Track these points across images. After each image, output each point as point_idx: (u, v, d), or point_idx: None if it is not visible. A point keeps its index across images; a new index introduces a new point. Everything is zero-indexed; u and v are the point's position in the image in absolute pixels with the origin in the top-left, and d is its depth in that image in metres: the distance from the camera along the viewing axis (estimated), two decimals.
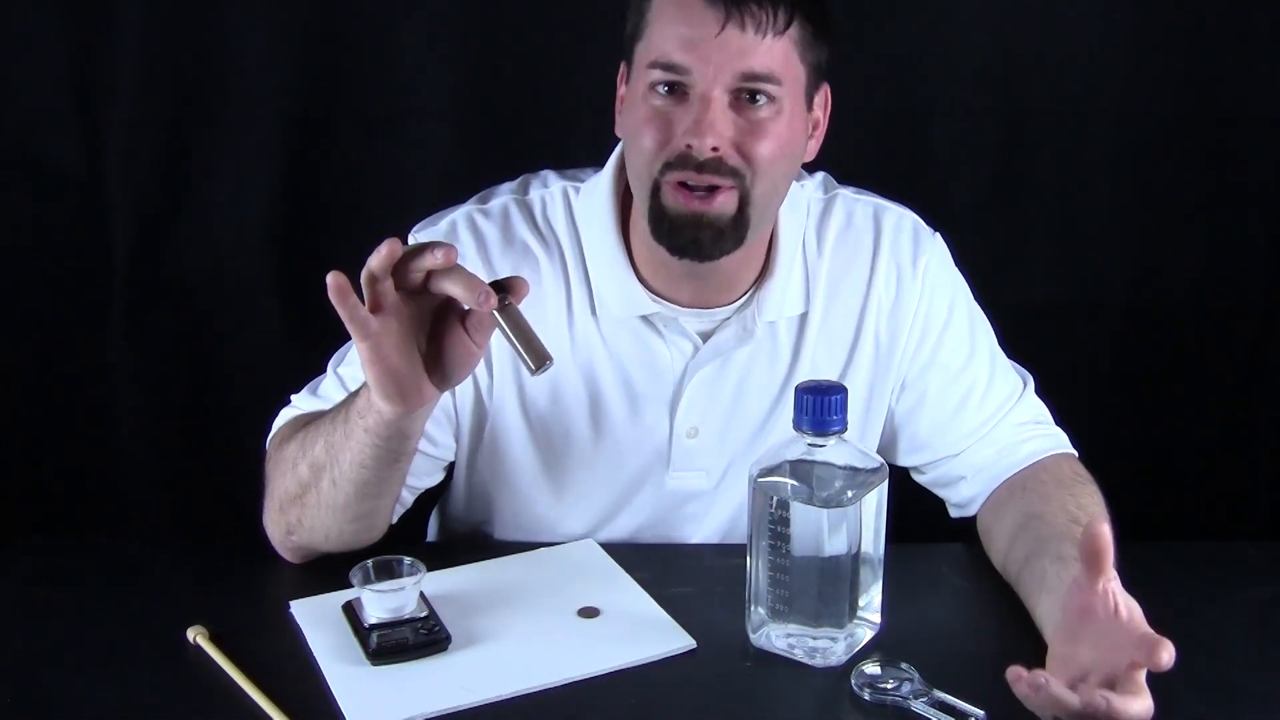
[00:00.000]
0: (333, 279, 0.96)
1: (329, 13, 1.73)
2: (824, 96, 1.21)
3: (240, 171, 1.77)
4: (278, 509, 1.17)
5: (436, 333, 1.04)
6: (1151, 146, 1.83)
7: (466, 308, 1.01)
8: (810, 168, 1.29)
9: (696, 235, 1.14)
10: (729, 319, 1.24)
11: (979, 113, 1.80)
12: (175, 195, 1.78)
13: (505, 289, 1.00)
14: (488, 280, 0.98)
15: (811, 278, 1.27)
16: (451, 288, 0.98)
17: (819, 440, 1.00)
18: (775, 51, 1.11)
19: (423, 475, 1.26)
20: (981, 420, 1.29)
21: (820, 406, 0.99)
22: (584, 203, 1.26)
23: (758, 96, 1.12)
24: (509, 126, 1.76)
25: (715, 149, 1.11)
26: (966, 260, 1.35)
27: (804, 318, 1.27)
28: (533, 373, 0.99)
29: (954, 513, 1.33)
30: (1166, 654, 0.86)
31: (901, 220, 1.31)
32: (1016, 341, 1.36)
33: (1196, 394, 1.91)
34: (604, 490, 1.29)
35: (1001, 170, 1.83)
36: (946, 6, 1.77)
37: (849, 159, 1.39)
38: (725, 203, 1.13)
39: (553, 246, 1.26)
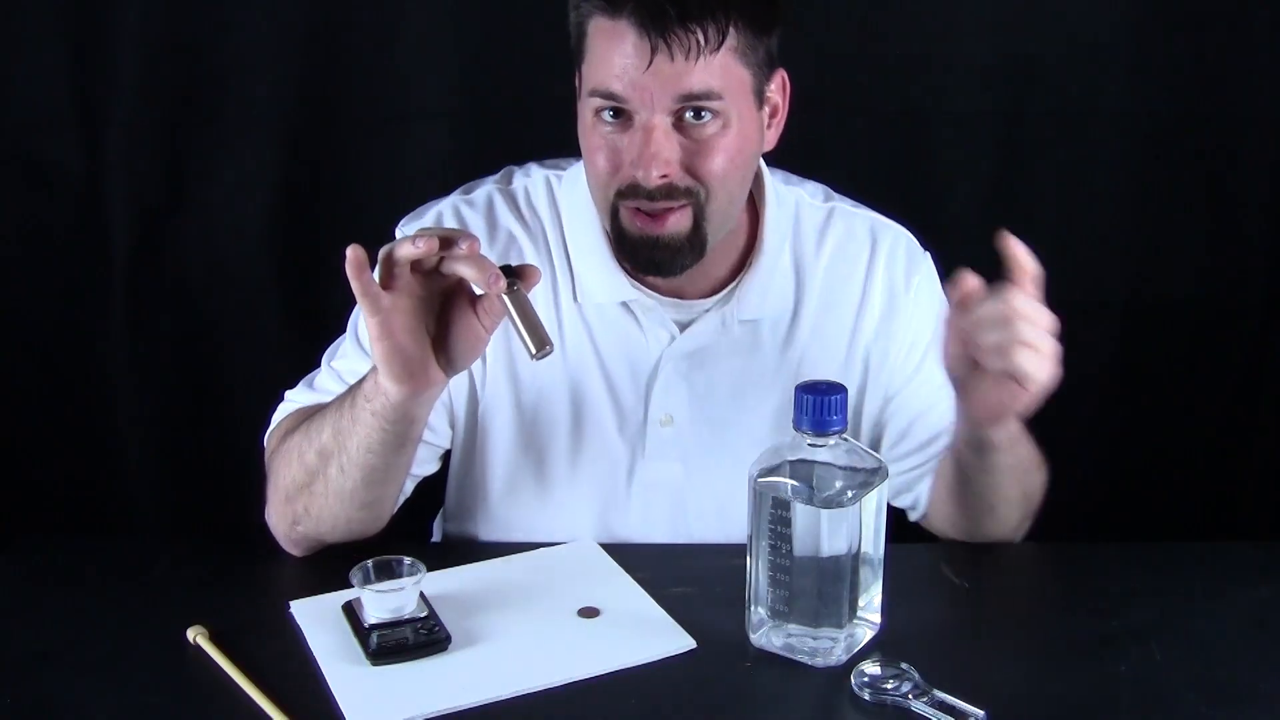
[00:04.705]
0: (352, 252, 1.00)
1: (329, 13, 1.73)
2: (780, 82, 1.20)
3: (240, 171, 1.77)
4: (283, 500, 1.17)
5: (445, 316, 1.07)
6: (1151, 146, 1.82)
7: (478, 292, 1.04)
8: (814, 174, 1.29)
9: (653, 255, 1.17)
10: (709, 310, 1.26)
11: (979, 113, 1.80)
12: (175, 195, 1.78)
13: (515, 274, 1.03)
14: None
15: (804, 281, 1.29)
16: (463, 269, 1.01)
17: (819, 440, 1.00)
18: (713, 68, 1.10)
19: (422, 462, 1.27)
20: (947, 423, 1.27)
21: (820, 406, 0.99)
22: (566, 190, 1.28)
23: (701, 114, 1.12)
24: (509, 126, 1.76)
25: (664, 175, 1.12)
26: (967, 261, 1.34)
27: (794, 320, 1.28)
28: (533, 356, 1.02)
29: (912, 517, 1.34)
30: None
31: (897, 237, 1.33)
32: None
33: (1196, 394, 1.91)
34: (586, 477, 1.29)
35: (1001, 170, 1.83)
36: (946, 6, 1.77)
37: (849, 159, 1.38)
38: (679, 222, 1.15)
39: (537, 234, 1.28)
